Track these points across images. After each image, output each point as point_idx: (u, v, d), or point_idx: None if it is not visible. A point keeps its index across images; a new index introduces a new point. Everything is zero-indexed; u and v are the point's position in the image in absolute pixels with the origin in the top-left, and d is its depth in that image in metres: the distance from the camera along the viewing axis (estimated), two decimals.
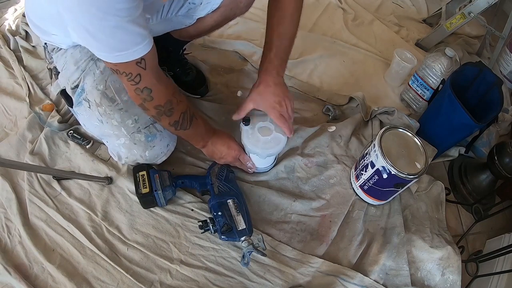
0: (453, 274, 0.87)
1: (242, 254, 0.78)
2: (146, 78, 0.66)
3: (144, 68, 0.64)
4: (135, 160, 0.86)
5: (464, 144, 1.12)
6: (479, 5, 1.30)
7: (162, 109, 0.72)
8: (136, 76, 0.65)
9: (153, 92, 0.68)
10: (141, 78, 0.65)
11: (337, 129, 1.08)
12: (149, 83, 0.67)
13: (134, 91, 0.68)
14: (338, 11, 1.61)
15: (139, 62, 0.63)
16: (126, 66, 0.63)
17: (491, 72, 1.04)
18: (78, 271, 0.79)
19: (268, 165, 0.98)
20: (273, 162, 0.99)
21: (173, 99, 0.73)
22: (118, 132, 0.82)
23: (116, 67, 0.63)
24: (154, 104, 0.71)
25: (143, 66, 0.64)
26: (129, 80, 0.65)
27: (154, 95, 0.69)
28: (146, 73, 0.65)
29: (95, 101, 0.80)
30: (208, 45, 1.29)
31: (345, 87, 1.28)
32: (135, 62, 0.63)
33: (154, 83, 0.67)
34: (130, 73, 0.64)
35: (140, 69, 0.64)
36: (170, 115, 0.74)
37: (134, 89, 0.67)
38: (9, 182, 0.88)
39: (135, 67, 0.63)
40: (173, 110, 0.74)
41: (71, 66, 0.82)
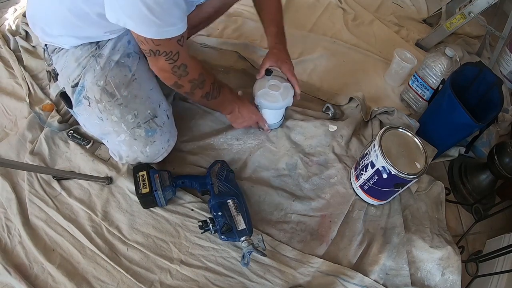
0: (453, 274, 0.87)
1: (242, 254, 0.78)
2: (183, 55, 0.70)
3: (182, 45, 0.68)
4: (136, 158, 0.86)
5: (464, 144, 1.12)
6: (479, 5, 1.30)
7: (196, 82, 0.77)
8: (175, 54, 0.68)
9: (188, 67, 0.73)
10: (179, 56, 0.69)
11: (338, 129, 1.08)
12: (185, 59, 0.71)
13: (171, 69, 0.71)
14: (338, 11, 1.61)
15: (179, 40, 0.67)
16: (168, 44, 0.66)
17: (491, 72, 1.04)
18: (78, 271, 0.79)
19: (278, 121, 1.08)
20: (282, 118, 1.09)
21: (203, 72, 0.78)
22: (118, 128, 0.82)
23: (158, 46, 0.66)
24: (189, 78, 0.75)
25: (182, 43, 0.68)
26: (167, 59, 0.69)
27: (189, 70, 0.73)
28: (183, 50, 0.69)
29: (95, 98, 0.81)
30: (208, 45, 1.29)
31: (345, 87, 1.28)
32: (177, 39, 0.67)
33: (188, 59, 0.72)
34: (171, 51, 0.68)
35: (179, 47, 0.68)
36: (202, 87, 0.80)
37: (172, 67, 0.71)
38: (9, 182, 0.88)
39: (175, 44, 0.67)
40: (205, 82, 0.79)
41: (72, 64, 0.82)
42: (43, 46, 0.86)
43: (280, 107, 1.01)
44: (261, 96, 1.00)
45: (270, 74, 1.03)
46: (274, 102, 0.98)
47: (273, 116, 1.05)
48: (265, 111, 1.02)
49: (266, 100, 0.99)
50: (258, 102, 1.01)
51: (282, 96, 1.00)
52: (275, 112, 1.04)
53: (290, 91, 1.01)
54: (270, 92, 1.00)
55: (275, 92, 1.00)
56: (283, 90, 1.01)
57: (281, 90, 1.00)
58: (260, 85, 1.02)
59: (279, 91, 1.00)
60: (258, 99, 1.00)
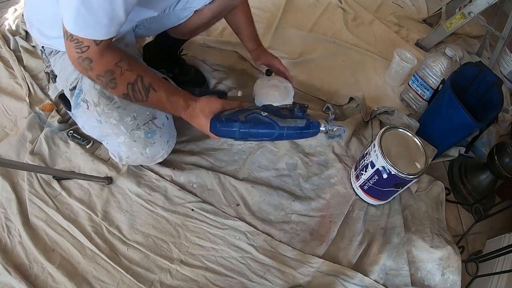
0: (453, 274, 0.87)
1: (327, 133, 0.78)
2: (92, 51, 0.66)
3: (97, 44, 0.65)
4: (136, 159, 0.86)
5: (464, 144, 1.12)
6: (479, 5, 1.30)
7: (103, 79, 0.70)
8: (85, 46, 0.65)
9: (94, 62, 0.67)
10: (88, 49, 0.66)
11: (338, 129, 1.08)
12: (93, 54, 0.67)
13: (77, 59, 0.67)
14: (338, 11, 1.61)
15: (96, 41, 0.65)
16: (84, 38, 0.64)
17: (491, 72, 1.04)
18: (78, 271, 0.79)
19: None
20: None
21: (115, 69, 0.70)
22: (118, 130, 0.82)
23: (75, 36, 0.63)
24: (94, 73, 0.69)
25: (98, 43, 0.65)
26: (76, 47, 0.65)
27: (94, 65, 0.68)
28: (95, 48, 0.66)
29: (93, 101, 0.80)
30: (208, 45, 1.29)
31: (345, 87, 1.28)
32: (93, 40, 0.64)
33: (97, 55, 0.67)
34: (82, 42, 0.64)
35: (93, 44, 0.65)
36: (113, 87, 0.72)
37: (77, 57, 0.67)
38: (9, 182, 0.88)
39: (91, 41, 0.64)
40: (115, 81, 0.71)
41: (69, 67, 0.82)
42: (41, 48, 0.86)
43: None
44: (262, 96, 1.02)
45: (270, 74, 1.06)
46: (274, 102, 0.99)
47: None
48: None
49: (266, 100, 1.00)
50: (258, 102, 1.02)
51: (282, 96, 1.02)
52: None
53: (290, 91, 1.04)
54: (271, 92, 1.02)
55: (275, 92, 1.02)
56: (283, 90, 1.03)
57: (281, 90, 1.03)
58: (260, 85, 1.04)
59: (279, 91, 1.03)
60: (259, 99, 1.02)
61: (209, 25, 0.96)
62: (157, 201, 0.89)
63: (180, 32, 0.97)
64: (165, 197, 0.90)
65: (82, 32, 0.62)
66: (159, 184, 0.92)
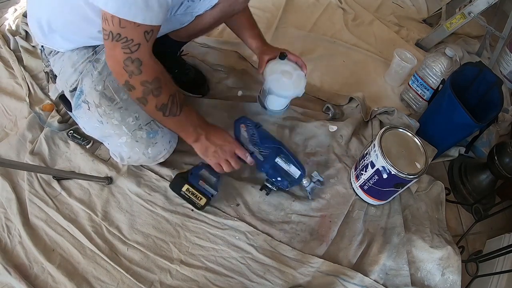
0: (453, 274, 0.87)
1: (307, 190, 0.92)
2: (143, 49, 0.63)
3: (147, 40, 0.62)
4: (138, 159, 0.86)
5: (464, 144, 1.13)
6: (479, 5, 1.30)
7: (150, 86, 0.68)
8: (135, 44, 0.62)
9: (143, 65, 0.65)
10: (139, 48, 0.63)
11: (338, 129, 1.08)
12: (143, 55, 0.64)
13: (124, 61, 0.64)
14: (338, 11, 1.61)
15: (147, 32, 0.61)
16: (134, 30, 0.60)
17: (491, 72, 1.04)
18: (78, 271, 0.79)
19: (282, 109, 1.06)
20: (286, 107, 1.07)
21: (161, 77, 0.69)
22: (119, 131, 0.82)
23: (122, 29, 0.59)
24: (141, 78, 0.66)
25: (148, 37, 0.62)
26: (124, 47, 0.62)
27: (143, 68, 0.65)
28: (146, 45, 0.63)
29: (94, 102, 0.80)
30: (208, 45, 1.29)
31: (345, 87, 1.28)
32: (145, 30, 0.61)
33: (147, 57, 0.65)
34: (132, 39, 0.61)
35: (143, 39, 0.62)
36: (157, 95, 0.70)
37: (125, 58, 0.63)
38: (9, 182, 0.88)
39: (141, 34, 0.61)
40: (161, 89, 0.69)
41: (69, 69, 0.82)
42: (40, 47, 0.86)
43: (290, 96, 0.97)
44: (272, 81, 0.94)
45: (284, 58, 0.97)
46: (285, 90, 0.94)
47: (279, 103, 1.02)
48: (272, 97, 0.99)
49: (276, 87, 0.94)
50: (267, 86, 0.95)
51: (294, 85, 0.94)
52: (283, 100, 1.01)
53: (303, 81, 0.97)
54: (283, 78, 0.94)
55: (288, 80, 0.94)
56: (296, 78, 0.96)
57: (294, 78, 0.95)
58: (272, 69, 0.96)
59: (292, 79, 0.95)
60: (268, 83, 0.95)
61: (209, 29, 0.96)
62: (157, 201, 0.89)
63: (180, 35, 0.97)
64: (165, 197, 0.90)
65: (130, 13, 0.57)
66: (159, 184, 0.92)
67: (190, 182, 0.83)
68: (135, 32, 0.60)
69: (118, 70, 0.67)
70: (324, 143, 1.06)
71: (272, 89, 0.93)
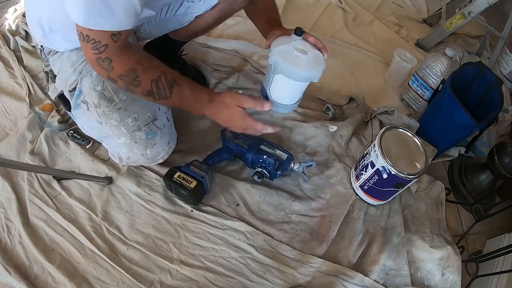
0: (453, 274, 0.87)
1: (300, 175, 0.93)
2: (111, 50, 0.64)
3: (115, 41, 0.63)
4: (137, 160, 0.86)
5: (464, 144, 1.12)
6: (479, 5, 1.30)
7: (126, 78, 0.69)
8: (102, 45, 0.63)
9: (114, 62, 0.66)
10: (106, 48, 0.64)
11: (338, 129, 1.08)
12: (111, 53, 0.65)
13: (96, 60, 0.65)
14: (338, 11, 1.61)
15: (114, 35, 0.62)
16: (100, 34, 0.61)
17: (491, 72, 1.04)
18: (78, 271, 0.79)
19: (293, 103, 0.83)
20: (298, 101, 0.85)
21: (137, 67, 0.68)
22: (118, 131, 0.82)
23: (89, 32, 0.61)
24: (116, 73, 0.68)
25: (116, 39, 0.63)
26: (93, 48, 0.63)
27: (114, 65, 0.66)
28: (114, 45, 0.64)
29: (93, 103, 0.80)
30: (208, 45, 1.29)
31: (345, 87, 1.28)
32: (112, 33, 0.61)
33: (116, 54, 0.66)
34: (99, 41, 0.62)
35: (111, 41, 0.63)
36: (137, 84, 0.70)
37: (96, 58, 0.65)
38: (9, 182, 0.88)
39: (108, 37, 0.62)
40: (139, 78, 0.69)
41: (68, 69, 0.82)
42: (39, 47, 0.86)
43: (303, 77, 0.74)
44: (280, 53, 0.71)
45: (301, 35, 0.75)
46: (297, 66, 0.71)
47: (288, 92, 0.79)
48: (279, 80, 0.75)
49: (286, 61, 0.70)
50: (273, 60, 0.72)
51: (309, 64, 0.72)
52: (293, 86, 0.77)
53: (321, 63, 0.75)
54: (295, 52, 0.72)
55: (302, 55, 0.72)
56: (313, 57, 0.74)
57: (311, 56, 0.74)
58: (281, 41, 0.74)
59: (308, 55, 0.73)
60: (274, 56, 0.72)
61: (210, 29, 0.96)
62: (157, 201, 0.89)
63: (180, 35, 0.97)
64: (165, 197, 0.90)
65: (96, 24, 0.59)
66: (159, 184, 0.92)
67: (182, 170, 0.85)
68: (101, 35, 0.61)
69: (96, 68, 0.69)
70: (324, 143, 1.06)
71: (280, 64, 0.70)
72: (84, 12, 0.57)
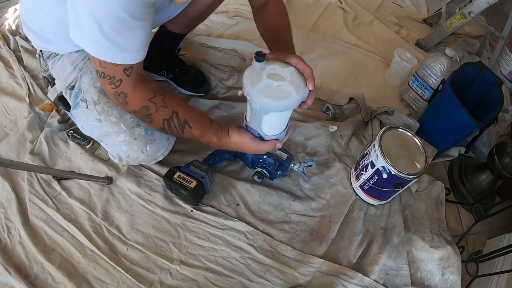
0: (453, 274, 0.87)
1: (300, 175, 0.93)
2: (125, 84, 0.67)
3: (128, 75, 0.66)
4: (137, 158, 0.86)
5: (464, 144, 1.12)
6: (479, 5, 1.30)
7: (139, 114, 0.73)
8: (118, 80, 0.66)
9: (128, 97, 0.69)
10: (121, 83, 0.67)
11: (338, 129, 1.08)
12: (126, 88, 0.68)
13: (113, 94, 0.69)
14: (338, 11, 1.61)
15: (126, 69, 0.65)
16: (114, 69, 0.64)
17: (491, 72, 1.04)
18: (78, 271, 0.79)
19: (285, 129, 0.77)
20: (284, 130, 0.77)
21: (150, 105, 0.71)
22: (118, 128, 0.82)
23: (103, 68, 0.64)
24: (130, 109, 0.72)
25: (129, 73, 0.65)
26: (110, 83, 0.67)
27: (128, 100, 0.69)
28: (128, 80, 0.66)
29: (93, 99, 0.81)
30: (208, 45, 1.29)
31: (345, 87, 1.28)
32: (124, 68, 0.64)
33: (130, 89, 0.68)
34: (114, 76, 0.65)
35: (124, 75, 0.65)
36: (150, 121, 0.74)
37: (113, 92, 0.68)
38: (9, 182, 0.88)
39: (121, 72, 0.65)
40: (152, 116, 0.72)
41: (68, 67, 0.82)
42: (38, 52, 0.86)
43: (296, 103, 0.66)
44: (262, 92, 0.63)
45: (263, 59, 0.65)
46: (287, 97, 0.63)
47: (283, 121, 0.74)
48: (270, 118, 0.69)
49: (273, 99, 0.63)
50: (258, 104, 0.64)
51: (294, 85, 0.64)
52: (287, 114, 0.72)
53: (300, 78, 0.67)
54: (275, 84, 0.63)
55: (283, 83, 0.64)
56: (291, 77, 0.65)
57: (289, 78, 0.65)
58: (253, 79, 0.64)
59: (287, 79, 0.64)
60: (259, 98, 0.63)
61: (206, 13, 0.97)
62: (157, 201, 0.89)
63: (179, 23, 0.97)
64: (165, 197, 0.90)
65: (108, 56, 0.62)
66: (159, 184, 0.92)
67: (182, 170, 0.85)
68: (115, 70, 0.64)
69: (115, 101, 0.72)
70: (324, 143, 1.06)
71: (268, 105, 0.63)
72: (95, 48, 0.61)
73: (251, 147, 0.77)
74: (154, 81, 0.74)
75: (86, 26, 0.58)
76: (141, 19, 0.60)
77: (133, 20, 0.58)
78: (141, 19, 0.60)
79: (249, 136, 0.77)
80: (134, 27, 0.60)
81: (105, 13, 0.56)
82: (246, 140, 0.77)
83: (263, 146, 0.77)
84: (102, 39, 0.59)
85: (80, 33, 0.61)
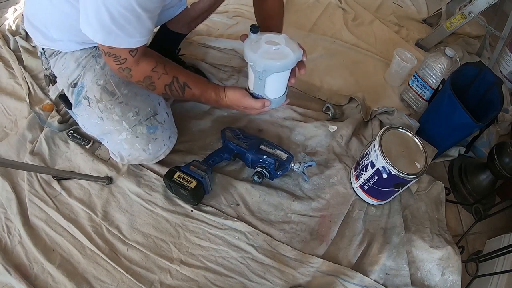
0: (453, 274, 0.87)
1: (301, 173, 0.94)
2: (130, 61, 0.72)
3: (133, 55, 0.71)
4: (138, 157, 0.86)
5: (464, 144, 1.12)
6: (479, 5, 1.30)
7: (143, 84, 0.77)
8: (123, 59, 0.71)
9: (132, 71, 0.74)
10: (126, 61, 0.72)
11: (338, 129, 1.08)
12: (130, 64, 0.73)
13: (118, 69, 0.74)
14: (338, 11, 1.61)
15: (132, 51, 0.69)
16: (120, 51, 0.69)
17: (491, 72, 1.04)
18: (78, 271, 0.79)
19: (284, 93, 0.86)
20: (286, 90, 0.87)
21: (152, 75, 0.76)
22: (120, 126, 0.82)
23: (111, 50, 0.69)
24: (134, 80, 0.76)
25: (134, 54, 0.70)
26: (115, 61, 0.71)
27: (133, 73, 0.74)
28: (133, 58, 0.71)
29: (95, 97, 0.81)
30: (208, 45, 1.29)
31: (345, 87, 1.28)
32: (129, 50, 0.69)
33: (134, 65, 0.73)
34: (119, 55, 0.70)
35: (129, 56, 0.70)
36: (153, 89, 0.79)
37: (118, 68, 0.73)
38: (9, 182, 0.88)
39: (127, 53, 0.70)
40: (154, 84, 0.77)
41: (72, 64, 0.82)
42: (40, 50, 0.86)
43: (294, 62, 0.77)
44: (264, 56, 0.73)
45: (258, 30, 0.77)
46: (286, 57, 0.74)
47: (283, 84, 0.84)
48: (272, 79, 0.78)
49: (275, 60, 0.73)
50: (262, 67, 0.75)
51: (290, 46, 0.75)
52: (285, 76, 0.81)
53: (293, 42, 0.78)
54: (274, 48, 0.75)
55: (280, 46, 0.75)
56: (286, 41, 0.76)
57: (284, 42, 0.76)
58: (253, 47, 0.75)
59: (283, 43, 0.75)
60: (262, 61, 0.73)
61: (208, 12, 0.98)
62: (157, 201, 0.89)
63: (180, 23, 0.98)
64: (165, 197, 0.90)
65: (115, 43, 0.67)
66: (159, 184, 0.92)
67: (182, 170, 0.86)
68: (121, 51, 0.70)
69: (118, 75, 0.78)
70: (324, 143, 1.06)
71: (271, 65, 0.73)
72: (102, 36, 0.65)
73: (242, 101, 0.84)
74: (155, 52, 0.78)
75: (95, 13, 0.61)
76: (151, 11, 0.65)
77: (144, 12, 0.63)
78: (151, 12, 0.65)
79: (243, 92, 0.84)
80: (144, 19, 0.64)
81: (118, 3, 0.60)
82: (239, 95, 0.83)
83: (254, 102, 0.83)
84: (112, 27, 0.62)
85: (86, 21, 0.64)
